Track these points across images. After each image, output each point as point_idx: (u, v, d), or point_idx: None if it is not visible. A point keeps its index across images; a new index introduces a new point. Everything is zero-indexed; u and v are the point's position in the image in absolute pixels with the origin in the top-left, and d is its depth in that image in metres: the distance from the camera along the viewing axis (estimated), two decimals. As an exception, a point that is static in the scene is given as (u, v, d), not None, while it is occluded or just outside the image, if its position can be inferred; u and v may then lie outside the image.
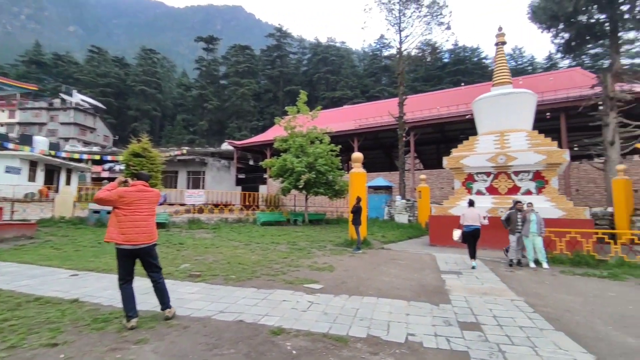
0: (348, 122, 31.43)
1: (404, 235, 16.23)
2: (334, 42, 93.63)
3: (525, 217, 9.56)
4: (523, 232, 9.43)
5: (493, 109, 13.98)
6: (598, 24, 17.72)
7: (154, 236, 4.79)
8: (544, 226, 9.48)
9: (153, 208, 4.91)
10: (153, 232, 4.79)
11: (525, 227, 9.44)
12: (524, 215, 9.55)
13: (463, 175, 13.85)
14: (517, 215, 9.58)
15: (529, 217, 9.42)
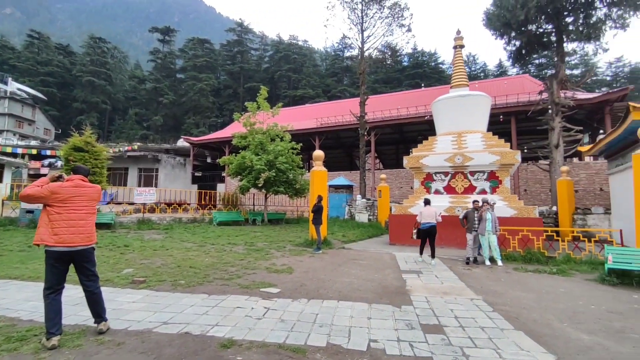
0: (309, 121, 31.17)
1: (364, 235, 16.20)
2: (297, 40, 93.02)
3: (482, 216, 9.76)
4: (479, 231, 9.61)
5: (451, 110, 14.28)
6: (546, 34, 18.81)
7: (92, 238, 4.16)
8: (498, 224, 9.73)
9: (93, 206, 4.27)
10: (92, 233, 4.15)
11: (481, 226, 9.62)
12: (481, 214, 9.75)
13: (422, 175, 14.02)
14: (474, 214, 9.75)
15: (485, 215, 9.62)
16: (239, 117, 20.36)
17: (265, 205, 20.72)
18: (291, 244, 12.45)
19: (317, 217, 11.46)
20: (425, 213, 9.75)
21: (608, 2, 17.43)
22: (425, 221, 9.66)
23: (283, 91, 79.35)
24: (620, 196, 14.40)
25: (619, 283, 7.31)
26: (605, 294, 6.70)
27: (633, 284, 7.21)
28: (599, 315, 5.35)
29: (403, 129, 29.45)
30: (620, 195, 14.45)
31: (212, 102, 77.76)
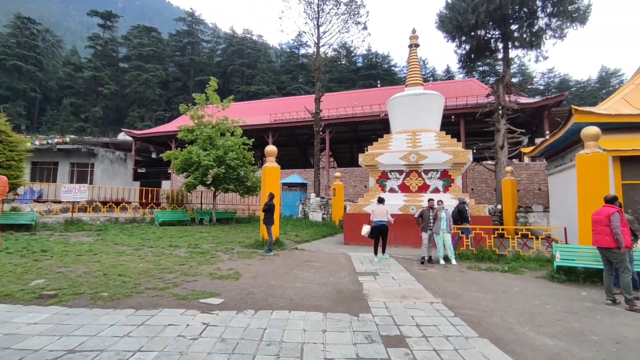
0: (263, 116, 30.15)
1: (318, 234, 15.71)
2: (251, 34, 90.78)
3: (437, 215, 9.64)
4: (434, 230, 9.47)
5: (406, 109, 14.22)
6: (493, 39, 19.57)
7: None
8: (452, 223, 9.67)
9: None
10: None
11: (436, 225, 9.49)
12: (436, 213, 9.62)
13: (377, 173, 13.80)
14: (429, 213, 9.59)
15: (439, 214, 9.49)
16: (185, 109, 18.91)
17: (213, 204, 19.48)
18: (240, 246, 11.59)
19: (269, 217, 10.73)
20: (377, 212, 9.94)
21: (548, 12, 18.47)
22: (377, 219, 9.85)
23: (236, 86, 76.82)
24: (559, 195, 15.27)
25: (567, 280, 7.43)
26: (556, 291, 6.72)
27: (579, 281, 7.37)
28: (557, 316, 5.24)
29: (358, 127, 29.47)
30: (558, 194, 15.33)
31: (159, 95, 73.28)
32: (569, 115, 10.78)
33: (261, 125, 28.21)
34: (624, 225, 5.58)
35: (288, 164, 35.55)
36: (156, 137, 33.04)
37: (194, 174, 17.39)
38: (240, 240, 12.75)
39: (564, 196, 14.64)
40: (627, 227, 5.56)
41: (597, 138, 9.04)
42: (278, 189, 12.03)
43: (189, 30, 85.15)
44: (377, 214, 9.85)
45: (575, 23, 18.46)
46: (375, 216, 9.85)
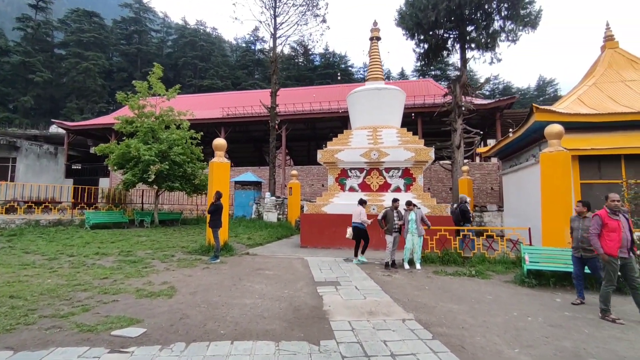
0: (215, 110, 28.27)
1: (272, 236, 14.59)
2: (204, 26, 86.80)
3: (401, 216, 8.95)
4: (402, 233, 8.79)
5: (367, 103, 13.52)
6: (452, 38, 19.59)
7: None
8: (421, 226, 8.97)
9: None
10: None
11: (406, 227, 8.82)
12: (399, 214, 8.92)
13: (337, 171, 12.96)
14: (393, 214, 8.86)
15: (406, 216, 8.79)
16: (123, 97, 16.83)
17: (156, 204, 17.57)
18: (183, 252, 10.18)
19: (215, 219, 9.44)
20: (354, 213, 9.68)
21: (503, 15, 18.77)
22: (353, 221, 9.60)
23: (188, 80, 73.00)
24: (513, 194, 15.43)
25: (537, 284, 7.00)
26: (530, 298, 6.22)
27: (550, 285, 6.97)
28: (543, 332, 4.62)
29: (316, 124, 28.62)
30: (513, 194, 15.49)
31: (101, 86, 67.55)
32: (530, 113, 10.63)
33: (212, 119, 26.39)
34: (612, 230, 5.11)
35: (243, 162, 33.93)
36: (93, 129, 29.87)
37: (132, 170, 15.47)
38: (183, 245, 11.30)
39: (518, 195, 14.77)
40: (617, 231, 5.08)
41: (560, 136, 8.84)
42: (227, 188, 10.76)
43: (136, 18, 79.60)
44: (354, 215, 9.61)
45: (527, 27, 18.94)
46: (353, 217, 9.62)
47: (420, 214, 8.94)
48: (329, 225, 11.89)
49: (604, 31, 13.75)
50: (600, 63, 13.15)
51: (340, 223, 11.72)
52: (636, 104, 10.52)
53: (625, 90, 11.58)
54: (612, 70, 12.70)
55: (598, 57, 13.67)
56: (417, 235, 8.72)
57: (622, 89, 11.67)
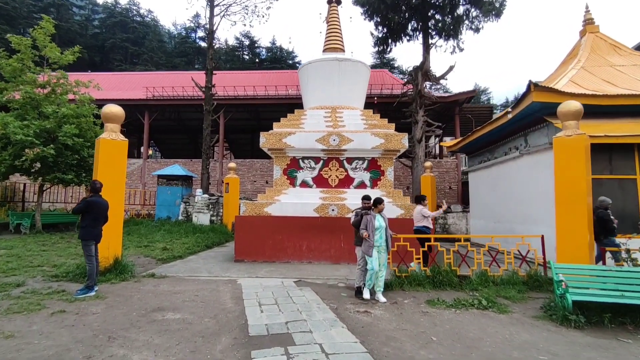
0: (139, 92, 23.69)
1: (200, 244, 11.28)
2: (138, 6, 78.48)
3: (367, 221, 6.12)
4: (363, 249, 5.91)
5: (325, 78, 10.78)
6: (414, 20, 17.63)
7: None
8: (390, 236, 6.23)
9: None
10: None
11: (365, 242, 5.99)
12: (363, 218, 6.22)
13: (285, 160, 10.02)
14: (369, 218, 6.08)
15: (371, 221, 5.96)
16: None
17: (39, 202, 13.05)
18: (45, 277, 6.57)
19: (87, 225, 5.92)
20: (414, 214, 7.89)
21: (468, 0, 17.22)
22: (416, 225, 7.68)
23: (117, 64, 64.93)
24: (483, 194, 13.70)
25: (586, 322, 4.71)
26: (599, 354, 3.85)
27: (605, 324, 4.70)
28: None
29: (260, 114, 25.33)
30: (482, 193, 13.77)
31: (6, 63, 57.24)
32: (527, 92, 8.62)
33: (133, 100, 21.90)
34: None
35: (175, 154, 29.53)
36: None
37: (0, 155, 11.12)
38: (56, 264, 7.61)
39: (490, 195, 13.03)
40: None
41: (579, 116, 6.78)
42: (123, 178, 7.29)
43: (54, -11, 69.25)
44: (415, 217, 7.88)
45: (491, 15, 17.62)
46: (415, 220, 7.84)
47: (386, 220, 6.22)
48: (273, 232, 8.94)
49: (583, 14, 12.47)
50: (582, 47, 11.75)
51: (289, 228, 8.87)
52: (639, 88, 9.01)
53: (619, 74, 10.15)
54: (596, 55, 11.34)
55: (578, 42, 12.34)
56: (384, 251, 6.00)
57: (615, 73, 10.24)
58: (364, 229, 5.76)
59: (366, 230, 5.74)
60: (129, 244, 10.63)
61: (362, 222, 5.87)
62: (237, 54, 78.69)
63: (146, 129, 22.20)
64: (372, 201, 6.19)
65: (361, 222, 5.90)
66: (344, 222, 8.94)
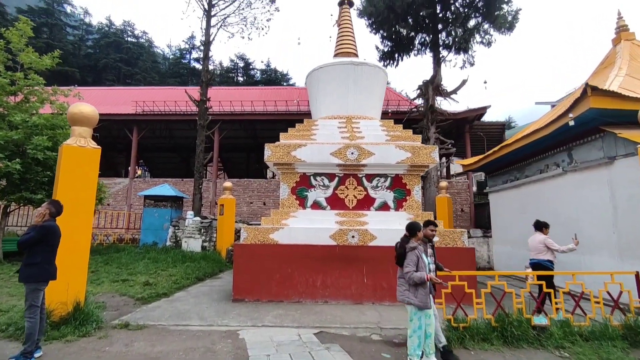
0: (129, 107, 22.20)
1: (190, 276, 9.56)
2: (133, 27, 78.39)
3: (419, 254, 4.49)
4: (418, 299, 4.16)
5: (338, 84, 9.45)
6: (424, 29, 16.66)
7: None
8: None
9: None
10: None
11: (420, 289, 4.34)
12: (432, 250, 4.64)
13: (294, 177, 8.50)
14: (422, 250, 4.42)
15: (421, 257, 4.29)
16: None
17: (1, 226, 11.18)
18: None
19: (46, 261, 4.27)
20: (531, 244, 6.65)
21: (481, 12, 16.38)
22: (532, 258, 6.46)
23: (109, 84, 63.76)
24: (509, 217, 12.26)
25: None
26: None
27: None
28: None
29: (257, 131, 23.94)
30: (508, 216, 12.33)
31: None
32: (582, 96, 7.34)
33: (121, 115, 20.37)
34: None
35: (165, 173, 27.81)
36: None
37: (-46, 170, 9.42)
38: (1, 308, 5.84)
39: (518, 218, 11.58)
40: None
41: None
42: (92, 196, 5.68)
43: (48, 10, 68.87)
44: (532, 248, 6.57)
45: (502, 29, 16.78)
46: (532, 252, 6.50)
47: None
48: (281, 264, 7.32)
49: (616, 21, 11.50)
50: (619, 55, 10.67)
51: (300, 259, 7.29)
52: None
53: (672, 82, 8.99)
54: (637, 62, 10.26)
55: (611, 50, 11.30)
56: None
57: (666, 81, 9.09)
58: (412, 268, 4.11)
59: (416, 269, 4.12)
60: (104, 277, 8.86)
61: (408, 259, 4.22)
62: (232, 75, 78.47)
63: (134, 145, 20.60)
64: (409, 227, 4.45)
65: (406, 259, 4.24)
66: (366, 252, 7.42)
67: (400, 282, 4.27)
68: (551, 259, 6.25)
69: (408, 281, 4.09)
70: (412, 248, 4.20)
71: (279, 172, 8.72)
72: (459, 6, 16.27)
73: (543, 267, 6.10)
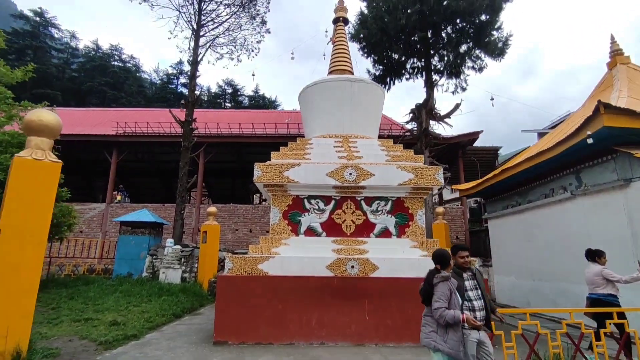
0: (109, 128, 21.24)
1: (167, 312, 8.48)
2: (120, 52, 78.20)
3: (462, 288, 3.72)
4: (446, 346, 3.30)
5: (334, 100, 8.89)
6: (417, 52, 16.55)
7: None
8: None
9: None
10: None
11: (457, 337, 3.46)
12: (474, 281, 3.82)
13: (286, 200, 7.70)
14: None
15: (454, 291, 3.54)
16: None
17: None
18: None
19: None
20: (587, 277, 5.83)
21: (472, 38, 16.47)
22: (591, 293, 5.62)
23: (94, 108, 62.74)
24: (512, 244, 11.65)
25: None
26: None
27: None
28: None
29: (244, 156, 23.15)
30: (511, 243, 11.71)
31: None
32: (594, 114, 6.92)
33: (100, 136, 19.38)
34: None
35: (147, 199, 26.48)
36: None
37: None
38: None
39: (521, 246, 10.97)
40: None
41: None
42: (48, 215, 4.74)
43: (34, 32, 68.25)
44: (589, 281, 5.77)
45: (493, 55, 16.87)
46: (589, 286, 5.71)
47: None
48: (271, 299, 6.39)
49: (610, 45, 11.49)
50: (617, 78, 10.53)
51: (293, 293, 6.39)
52: None
53: (676, 104, 8.75)
54: (636, 85, 10.09)
55: (607, 74, 11.19)
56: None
57: (670, 103, 8.85)
58: (444, 304, 3.33)
59: (448, 305, 3.33)
60: (65, 315, 7.68)
61: (438, 293, 3.46)
62: (219, 101, 78.44)
63: (113, 168, 19.51)
64: (437, 256, 3.74)
65: (436, 293, 3.48)
66: (367, 285, 6.57)
67: (425, 321, 3.47)
68: (613, 293, 5.47)
69: (437, 320, 3.29)
70: (443, 278, 3.43)
71: (269, 195, 7.90)
72: (450, 32, 16.32)
73: (605, 303, 5.32)
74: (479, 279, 3.64)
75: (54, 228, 10.75)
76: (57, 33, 74.96)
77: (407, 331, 6.30)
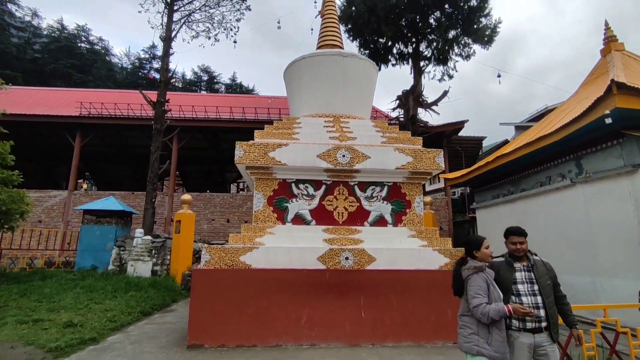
0: (73, 109, 19.52)
1: (134, 309, 7.55)
2: (88, 32, 73.60)
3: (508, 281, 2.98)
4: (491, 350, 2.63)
5: (324, 77, 8.09)
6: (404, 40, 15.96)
7: None
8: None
9: None
10: None
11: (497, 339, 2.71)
12: (519, 275, 3.06)
13: (272, 185, 6.88)
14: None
15: (492, 283, 2.89)
16: None
17: None
18: None
19: None
20: None
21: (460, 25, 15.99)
22: None
23: (57, 91, 58.90)
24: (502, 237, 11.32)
25: None
26: None
27: None
28: None
29: (221, 142, 21.99)
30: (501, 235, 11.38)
31: None
32: (604, 96, 6.46)
33: (62, 117, 17.73)
34: None
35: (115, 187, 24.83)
36: None
37: None
38: None
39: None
40: None
41: None
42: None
43: (-11, 9, 63.09)
44: None
45: (481, 42, 16.49)
46: None
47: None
48: (255, 295, 5.60)
49: (604, 32, 11.22)
50: (612, 65, 10.23)
51: (280, 288, 5.64)
52: None
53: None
54: (631, 71, 9.82)
55: (601, 61, 10.91)
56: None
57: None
58: (483, 299, 2.67)
59: (487, 300, 2.68)
60: (10, 316, 6.60)
61: (473, 287, 2.79)
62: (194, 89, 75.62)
63: (76, 152, 17.92)
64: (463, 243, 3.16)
65: (470, 288, 2.81)
66: (363, 278, 5.90)
67: (462, 322, 2.81)
68: None
69: (480, 319, 2.63)
70: (476, 269, 2.77)
71: (252, 179, 7.05)
72: (439, 16, 15.77)
73: None
74: (539, 272, 2.96)
75: (2, 216, 9.47)
76: (17, 10, 69.63)
77: (407, 329, 5.71)
